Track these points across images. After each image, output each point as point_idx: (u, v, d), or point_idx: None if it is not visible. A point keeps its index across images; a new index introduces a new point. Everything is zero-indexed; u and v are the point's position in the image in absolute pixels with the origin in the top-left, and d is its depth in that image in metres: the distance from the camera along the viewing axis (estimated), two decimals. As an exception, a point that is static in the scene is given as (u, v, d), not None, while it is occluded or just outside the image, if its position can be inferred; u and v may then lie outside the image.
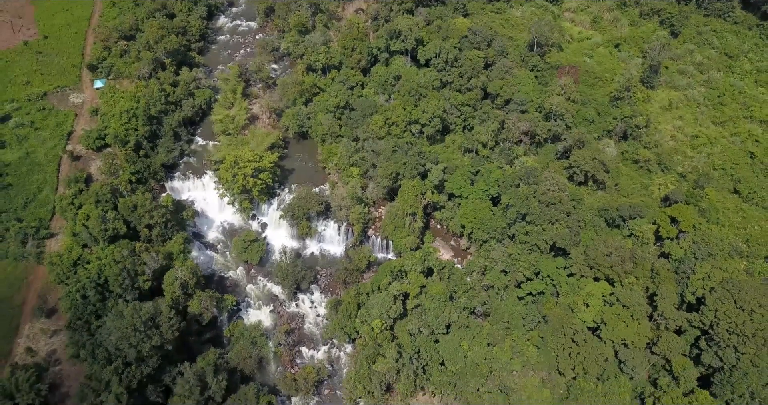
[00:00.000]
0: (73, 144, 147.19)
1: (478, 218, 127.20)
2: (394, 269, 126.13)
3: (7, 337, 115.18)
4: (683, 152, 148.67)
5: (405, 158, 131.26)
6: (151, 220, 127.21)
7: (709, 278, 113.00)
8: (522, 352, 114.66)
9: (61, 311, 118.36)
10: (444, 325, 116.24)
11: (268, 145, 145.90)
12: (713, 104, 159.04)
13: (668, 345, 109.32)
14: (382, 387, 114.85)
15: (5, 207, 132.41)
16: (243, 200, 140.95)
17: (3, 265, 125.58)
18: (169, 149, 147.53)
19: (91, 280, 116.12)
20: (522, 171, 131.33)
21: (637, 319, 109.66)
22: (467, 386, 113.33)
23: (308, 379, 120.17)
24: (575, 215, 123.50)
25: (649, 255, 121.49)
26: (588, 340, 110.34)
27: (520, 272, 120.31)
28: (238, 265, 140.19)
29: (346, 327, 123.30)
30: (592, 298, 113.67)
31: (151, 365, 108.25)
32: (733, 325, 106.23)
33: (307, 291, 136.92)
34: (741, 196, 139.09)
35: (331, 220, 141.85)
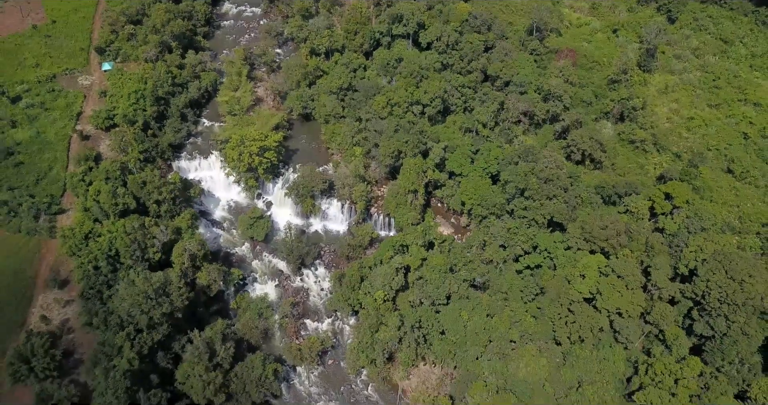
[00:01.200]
0: (83, 124, 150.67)
1: (477, 195, 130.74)
2: (396, 244, 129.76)
3: (21, 307, 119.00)
4: (678, 133, 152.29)
5: (407, 137, 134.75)
6: (159, 196, 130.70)
7: (702, 251, 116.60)
8: (520, 322, 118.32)
9: (73, 282, 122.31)
10: (444, 295, 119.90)
11: (272, 125, 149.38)
12: (708, 88, 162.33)
13: (661, 314, 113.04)
14: (385, 355, 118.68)
15: (17, 184, 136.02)
16: (248, 179, 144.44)
17: (16, 239, 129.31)
18: (176, 129, 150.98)
19: (102, 252, 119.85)
20: (521, 149, 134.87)
21: (632, 289, 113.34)
22: (467, 355, 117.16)
23: (313, 349, 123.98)
24: (572, 191, 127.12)
25: (643, 230, 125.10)
26: (584, 310, 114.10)
27: (519, 246, 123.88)
28: (244, 241, 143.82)
29: (350, 299, 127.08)
30: (588, 270, 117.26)
31: (161, 332, 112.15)
32: (724, 294, 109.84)
33: (311, 266, 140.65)
34: (734, 176, 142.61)
35: (335, 198, 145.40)
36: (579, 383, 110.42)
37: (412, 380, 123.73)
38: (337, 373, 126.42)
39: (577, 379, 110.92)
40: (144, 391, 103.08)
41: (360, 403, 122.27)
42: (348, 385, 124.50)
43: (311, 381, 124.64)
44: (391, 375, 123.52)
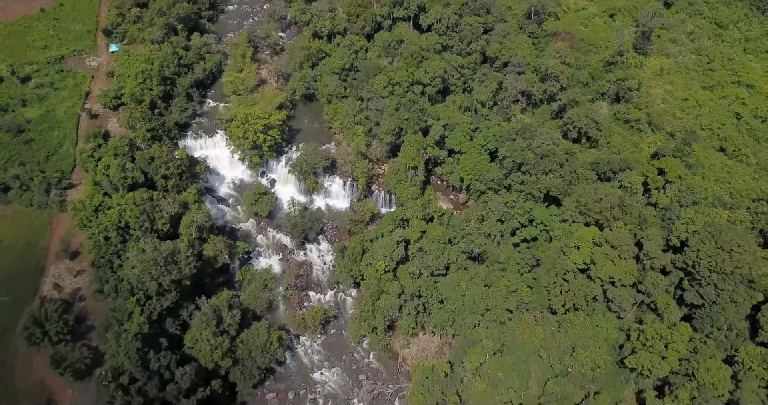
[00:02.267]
0: (91, 103, 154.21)
1: (476, 170, 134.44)
2: (397, 218, 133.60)
3: (34, 276, 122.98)
4: (673, 114, 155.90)
5: (407, 114, 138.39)
6: (167, 171, 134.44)
7: (693, 223, 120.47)
8: (517, 292, 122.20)
9: (84, 253, 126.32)
10: (443, 265, 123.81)
11: (276, 104, 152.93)
12: (703, 70, 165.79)
13: (653, 283, 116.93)
14: (385, 323, 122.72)
15: (28, 160, 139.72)
16: (253, 156, 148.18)
17: (28, 212, 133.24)
18: (182, 109, 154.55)
19: (112, 224, 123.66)
20: (518, 127, 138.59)
21: (624, 258, 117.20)
22: (465, 323, 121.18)
23: (316, 318, 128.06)
24: (568, 167, 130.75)
25: (637, 204, 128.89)
26: (578, 279, 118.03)
27: (516, 220, 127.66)
28: (249, 217, 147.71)
29: (352, 270, 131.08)
30: (583, 242, 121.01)
31: (170, 299, 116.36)
32: (713, 263, 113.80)
33: (314, 241, 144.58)
34: (726, 154, 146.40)
35: (337, 176, 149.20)
36: (573, 348, 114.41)
37: (412, 349, 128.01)
38: (339, 341, 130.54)
39: (571, 345, 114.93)
40: (154, 352, 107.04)
41: (362, 370, 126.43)
42: (350, 354, 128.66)
43: (314, 349, 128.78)
44: (391, 343, 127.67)
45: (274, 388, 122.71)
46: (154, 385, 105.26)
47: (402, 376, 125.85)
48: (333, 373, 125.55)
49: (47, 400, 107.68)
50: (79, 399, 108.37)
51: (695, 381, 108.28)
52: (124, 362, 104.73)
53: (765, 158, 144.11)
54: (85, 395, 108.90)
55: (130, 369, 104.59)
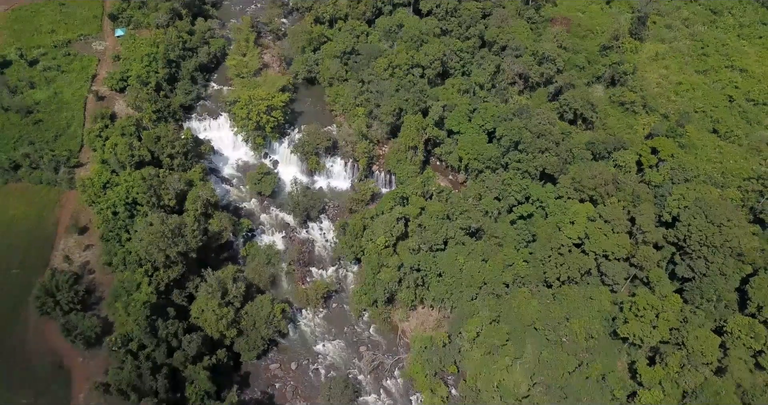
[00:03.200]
0: (97, 85, 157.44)
1: (474, 149, 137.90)
2: (397, 196, 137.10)
3: (45, 250, 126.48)
4: (667, 97, 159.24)
5: (407, 95, 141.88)
6: (173, 149, 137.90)
7: (684, 199, 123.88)
8: (513, 266, 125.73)
9: (92, 228, 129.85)
10: (442, 240, 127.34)
11: (279, 87, 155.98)
12: (697, 55, 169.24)
13: (645, 256, 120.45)
14: (386, 295, 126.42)
15: (37, 139, 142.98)
16: (256, 137, 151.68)
17: (38, 189, 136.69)
18: (186, 91, 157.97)
19: (120, 199, 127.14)
20: (516, 107, 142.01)
21: (617, 232, 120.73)
22: (462, 295, 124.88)
23: (318, 292, 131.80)
24: (564, 145, 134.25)
25: (630, 181, 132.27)
26: (573, 253, 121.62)
27: (512, 197, 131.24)
28: (252, 197, 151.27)
29: (353, 246, 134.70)
30: (578, 217, 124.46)
31: (176, 271, 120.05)
32: (703, 237, 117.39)
33: (316, 219, 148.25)
34: (719, 135, 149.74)
35: (338, 156, 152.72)
36: (567, 319, 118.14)
37: (411, 322, 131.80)
38: (341, 315, 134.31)
39: (565, 315, 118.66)
40: (162, 320, 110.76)
41: (362, 342, 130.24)
42: (351, 326, 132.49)
43: (316, 322, 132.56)
44: (391, 317, 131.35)
45: (278, 359, 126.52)
46: (162, 352, 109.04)
47: (401, 347, 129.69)
48: (334, 345, 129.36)
49: (58, 366, 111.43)
50: (89, 365, 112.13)
51: (685, 349, 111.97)
52: (133, 329, 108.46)
53: (757, 139, 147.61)
54: (95, 362, 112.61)
55: (138, 336, 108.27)
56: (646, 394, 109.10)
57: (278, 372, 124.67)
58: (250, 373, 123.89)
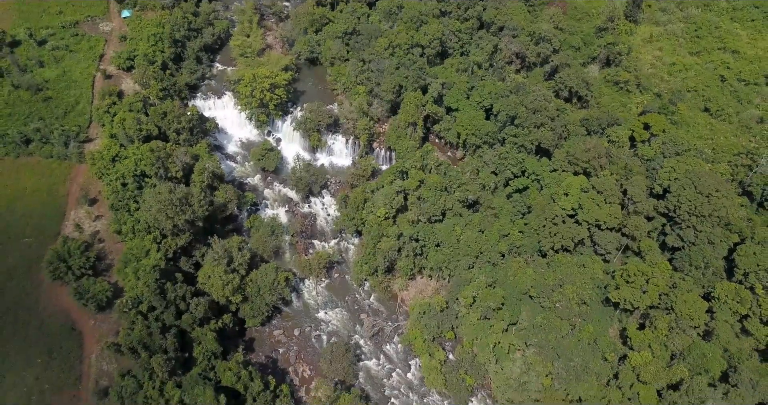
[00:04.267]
0: (105, 65, 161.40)
1: (472, 125, 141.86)
2: (397, 170, 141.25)
3: (56, 220, 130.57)
4: (660, 77, 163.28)
5: (407, 72, 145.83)
6: (179, 125, 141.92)
7: (674, 171, 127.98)
8: (509, 236, 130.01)
9: (102, 200, 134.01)
10: (440, 212, 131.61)
11: (282, 66, 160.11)
12: (690, 37, 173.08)
13: (636, 226, 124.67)
14: (385, 264, 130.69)
15: (47, 115, 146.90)
16: (260, 114, 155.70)
17: (48, 163, 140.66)
18: (192, 71, 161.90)
19: (129, 171, 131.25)
20: (512, 85, 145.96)
21: (610, 202, 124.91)
22: (460, 264, 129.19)
23: (321, 262, 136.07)
24: (559, 121, 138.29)
25: (623, 155, 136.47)
26: (566, 222, 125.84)
27: (509, 170, 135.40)
28: (256, 173, 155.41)
29: (354, 219, 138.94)
30: (571, 189, 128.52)
31: (184, 239, 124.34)
32: (692, 207, 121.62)
33: (318, 194, 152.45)
34: (710, 113, 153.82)
35: (340, 134, 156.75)
36: (560, 285, 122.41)
37: (410, 291, 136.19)
38: (342, 284, 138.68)
39: (559, 282, 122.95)
40: (171, 284, 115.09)
41: (363, 310, 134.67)
42: (352, 295, 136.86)
43: (319, 291, 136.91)
44: (391, 286, 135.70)
45: (281, 325, 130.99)
46: (170, 314, 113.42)
47: (401, 315, 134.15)
48: (336, 313, 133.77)
49: (71, 328, 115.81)
50: (100, 327, 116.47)
51: (673, 313, 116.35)
52: (143, 292, 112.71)
53: (747, 117, 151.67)
54: (107, 325, 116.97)
55: (148, 298, 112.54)
56: (636, 356, 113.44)
57: (282, 338, 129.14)
58: (254, 339, 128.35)
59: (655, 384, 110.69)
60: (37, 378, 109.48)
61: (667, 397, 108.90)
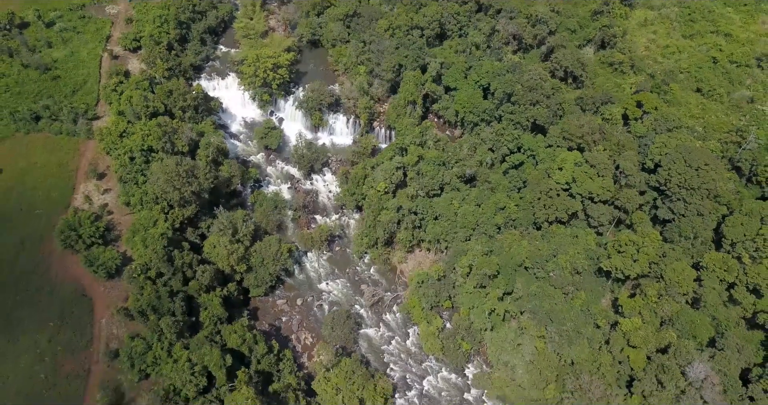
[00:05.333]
0: (112, 45, 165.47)
1: (470, 103, 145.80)
2: (396, 146, 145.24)
3: (66, 193, 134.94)
4: (654, 58, 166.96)
5: (407, 52, 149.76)
6: (184, 102, 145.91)
7: (665, 146, 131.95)
8: (505, 209, 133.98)
9: (110, 173, 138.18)
10: (438, 186, 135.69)
11: (284, 47, 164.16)
12: (684, 21, 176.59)
13: (627, 198, 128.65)
14: (385, 236, 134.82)
15: (56, 93, 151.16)
16: (263, 93, 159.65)
17: (58, 139, 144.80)
18: (196, 52, 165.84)
19: (136, 146, 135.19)
20: (509, 64, 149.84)
21: (602, 176, 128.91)
22: (457, 236, 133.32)
23: (322, 235, 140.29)
24: (554, 99, 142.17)
25: (617, 132, 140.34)
26: (561, 195, 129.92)
27: (505, 146, 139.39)
28: (259, 151, 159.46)
29: (355, 194, 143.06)
30: (566, 164, 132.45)
31: (191, 210, 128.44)
32: (682, 179, 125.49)
33: (320, 172, 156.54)
34: (702, 93, 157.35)
35: (341, 113, 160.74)
36: (554, 255, 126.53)
37: (409, 263, 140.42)
38: (343, 257, 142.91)
39: (553, 252, 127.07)
40: (178, 251, 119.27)
41: (363, 281, 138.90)
42: (353, 267, 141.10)
43: (320, 264, 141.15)
44: (390, 258, 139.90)
45: (284, 295, 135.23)
46: (178, 280, 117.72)
47: (400, 286, 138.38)
48: (337, 284, 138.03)
49: (81, 294, 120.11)
50: (110, 294, 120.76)
51: (663, 281, 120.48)
52: (152, 258, 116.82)
53: (738, 97, 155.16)
54: (116, 291, 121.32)
55: (156, 264, 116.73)
56: (626, 322, 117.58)
57: (285, 307, 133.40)
58: (258, 308, 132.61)
59: (644, 348, 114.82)
60: (49, 340, 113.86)
61: (655, 360, 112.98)
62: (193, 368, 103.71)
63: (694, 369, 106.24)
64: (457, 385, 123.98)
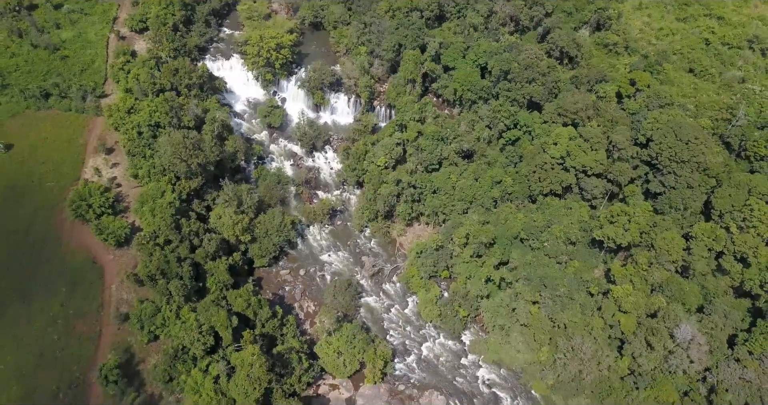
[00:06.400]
0: (119, 26, 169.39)
1: (468, 81, 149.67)
2: (396, 123, 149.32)
3: (76, 166, 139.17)
4: (648, 40, 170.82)
5: (407, 31, 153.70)
6: (190, 80, 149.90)
7: (657, 121, 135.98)
8: (501, 183, 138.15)
9: (119, 148, 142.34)
10: (437, 160, 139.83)
11: (287, 29, 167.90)
12: (678, 5, 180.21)
13: (620, 171, 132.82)
14: (385, 208, 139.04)
15: (65, 72, 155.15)
16: (266, 73, 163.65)
17: (67, 116, 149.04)
18: (201, 33, 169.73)
19: (144, 121, 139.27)
20: (506, 44, 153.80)
21: (596, 149, 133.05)
22: (455, 208, 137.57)
23: (324, 208, 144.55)
24: (550, 77, 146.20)
25: (610, 109, 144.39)
26: (555, 169, 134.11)
27: (502, 122, 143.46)
28: (263, 129, 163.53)
29: (356, 169, 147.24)
30: (560, 138, 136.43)
31: (197, 182, 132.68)
32: (673, 153, 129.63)
33: (321, 149, 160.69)
34: (694, 74, 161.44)
35: (342, 92, 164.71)
36: (548, 225, 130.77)
37: (408, 236, 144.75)
38: (344, 231, 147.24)
39: (547, 223, 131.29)
40: (185, 219, 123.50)
41: (364, 253, 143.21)
42: (354, 240, 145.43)
43: (323, 236, 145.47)
44: (390, 231, 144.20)
45: (287, 266, 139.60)
46: (185, 247, 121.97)
47: (399, 258, 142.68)
48: (339, 255, 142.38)
49: (92, 262, 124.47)
50: (120, 261, 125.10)
51: (653, 250, 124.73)
52: (160, 225, 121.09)
53: (729, 77, 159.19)
54: (125, 259, 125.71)
55: (165, 231, 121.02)
56: (618, 289, 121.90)
57: (288, 277, 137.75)
58: (262, 278, 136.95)
59: (634, 313, 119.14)
60: (62, 305, 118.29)
61: (645, 324, 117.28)
62: (200, 328, 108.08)
63: (682, 330, 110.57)
64: (454, 351, 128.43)
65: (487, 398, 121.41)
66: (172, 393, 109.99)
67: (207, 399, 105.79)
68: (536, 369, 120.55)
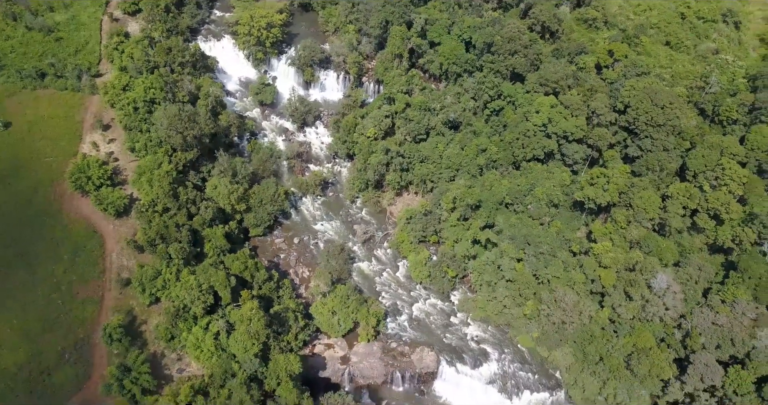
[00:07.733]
0: (111, 9, 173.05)
1: (453, 55, 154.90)
2: (385, 97, 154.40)
3: (73, 142, 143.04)
4: (626, 16, 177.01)
5: (393, 8, 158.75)
6: (183, 59, 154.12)
7: (634, 89, 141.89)
8: (486, 151, 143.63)
9: (115, 124, 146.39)
10: (424, 130, 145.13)
11: (277, 9, 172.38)
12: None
13: (599, 135, 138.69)
14: (375, 177, 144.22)
15: (60, 53, 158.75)
16: (257, 52, 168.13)
17: (63, 94, 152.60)
18: (193, 14, 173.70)
19: (140, 97, 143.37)
20: (490, 19, 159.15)
21: (576, 115, 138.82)
22: (442, 176, 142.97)
23: (317, 180, 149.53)
24: (532, 49, 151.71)
25: (589, 78, 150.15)
26: (537, 135, 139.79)
27: (486, 93, 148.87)
28: (255, 106, 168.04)
29: (346, 141, 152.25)
30: (542, 107, 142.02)
31: (193, 154, 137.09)
32: (649, 117, 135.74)
33: (312, 125, 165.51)
34: (670, 46, 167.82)
35: (331, 69, 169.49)
36: (531, 188, 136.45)
37: (398, 205, 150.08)
38: (336, 201, 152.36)
39: (530, 186, 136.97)
40: (183, 188, 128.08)
41: (356, 222, 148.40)
42: (346, 210, 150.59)
43: (315, 207, 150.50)
44: (380, 201, 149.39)
45: (282, 235, 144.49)
46: (183, 215, 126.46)
47: (390, 226, 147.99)
48: (332, 224, 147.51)
49: (93, 232, 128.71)
50: (119, 231, 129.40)
51: (631, 209, 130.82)
52: (158, 193, 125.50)
53: (703, 49, 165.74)
54: (124, 228, 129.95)
55: (163, 199, 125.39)
56: (598, 246, 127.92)
57: (282, 245, 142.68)
58: (257, 247, 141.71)
59: (614, 268, 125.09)
60: (64, 271, 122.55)
61: (624, 276, 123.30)
62: (200, 287, 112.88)
63: (658, 280, 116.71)
64: (443, 310, 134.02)
65: (476, 353, 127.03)
66: (174, 350, 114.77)
67: (208, 354, 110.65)
68: (522, 323, 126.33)
